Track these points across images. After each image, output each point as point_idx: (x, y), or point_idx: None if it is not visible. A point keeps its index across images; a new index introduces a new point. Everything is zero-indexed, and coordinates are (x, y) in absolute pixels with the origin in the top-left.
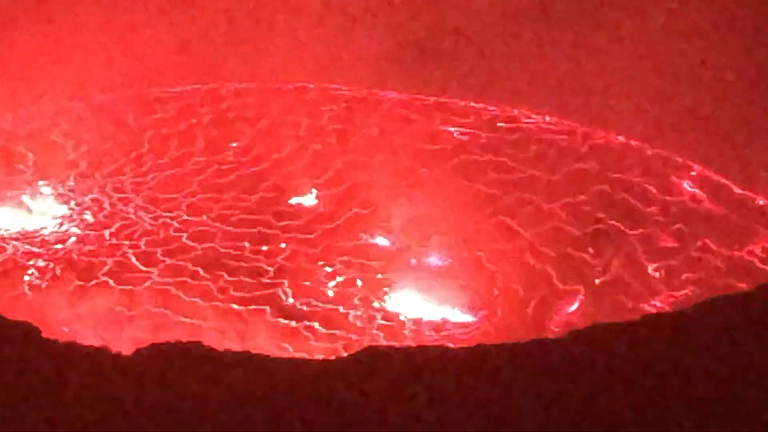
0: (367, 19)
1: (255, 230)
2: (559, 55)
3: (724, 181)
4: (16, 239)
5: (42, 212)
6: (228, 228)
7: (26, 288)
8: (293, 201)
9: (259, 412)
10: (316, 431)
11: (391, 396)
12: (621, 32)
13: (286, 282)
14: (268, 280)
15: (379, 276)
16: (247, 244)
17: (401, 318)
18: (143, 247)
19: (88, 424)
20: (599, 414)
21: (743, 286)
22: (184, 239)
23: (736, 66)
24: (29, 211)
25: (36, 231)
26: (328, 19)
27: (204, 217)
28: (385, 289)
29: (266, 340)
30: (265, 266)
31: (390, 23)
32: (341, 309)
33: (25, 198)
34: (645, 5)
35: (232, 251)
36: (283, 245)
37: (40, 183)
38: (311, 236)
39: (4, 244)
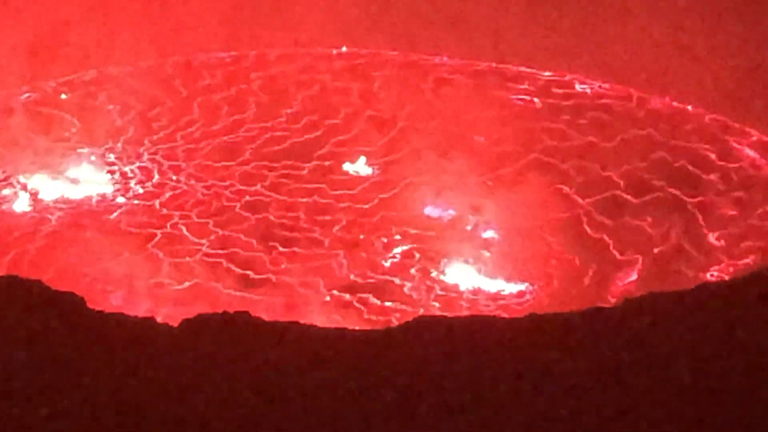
0: None
1: (309, 200)
2: (607, 20)
3: None
4: (62, 210)
5: (88, 181)
6: (282, 197)
7: (73, 259)
8: (348, 169)
9: (299, 384)
10: (356, 403)
11: (440, 366)
12: None
13: (341, 253)
14: (322, 252)
15: (437, 247)
16: (301, 214)
17: (459, 289)
18: (195, 218)
19: (133, 391)
20: (656, 386)
21: None
22: (237, 209)
23: None
24: (75, 180)
25: (82, 201)
26: None
27: (258, 186)
28: (443, 260)
29: (318, 314)
30: (319, 237)
31: None
32: (397, 281)
33: (71, 166)
34: None
35: (285, 221)
36: (338, 215)
37: (86, 150)
38: (366, 206)
39: (50, 215)
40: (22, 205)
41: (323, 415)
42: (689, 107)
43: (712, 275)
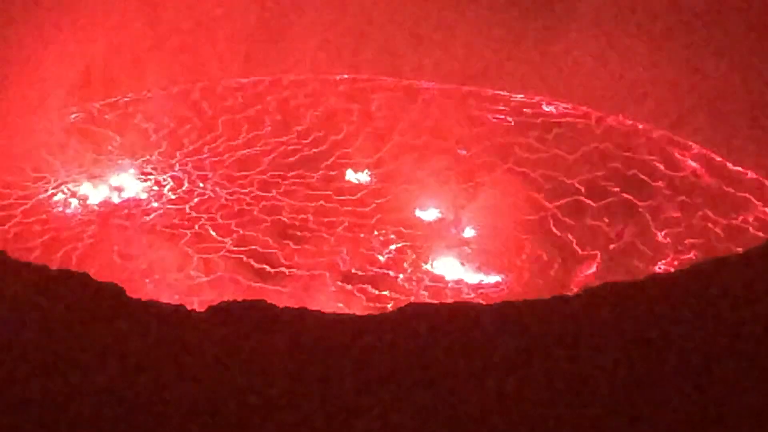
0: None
1: (317, 204)
2: (569, 52)
3: (719, 158)
4: (106, 213)
5: (128, 188)
6: (293, 202)
7: (115, 256)
8: (350, 178)
9: (308, 360)
10: (355, 376)
11: (424, 345)
12: (627, 27)
13: (344, 250)
14: (327, 249)
15: (425, 244)
16: (310, 216)
17: (445, 280)
18: (219, 220)
19: (164, 369)
20: (611, 360)
21: (739, 250)
22: (255, 212)
23: (730, 52)
24: (117, 187)
25: (123, 205)
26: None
27: (273, 192)
28: (431, 255)
29: (324, 301)
30: (326, 236)
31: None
32: (392, 273)
33: (112, 176)
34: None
35: (297, 223)
36: (341, 217)
37: (126, 162)
38: (366, 209)
39: (95, 218)
40: (71, 208)
41: (331, 384)
42: (640, 125)
43: (659, 268)
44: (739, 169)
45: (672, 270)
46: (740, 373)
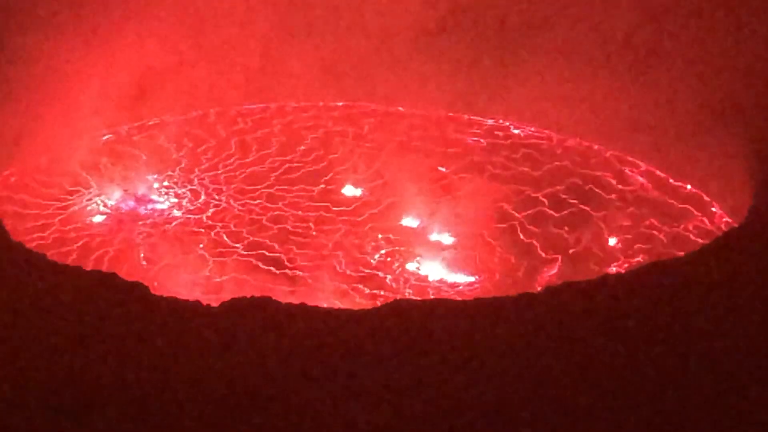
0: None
1: (317, 214)
2: (531, 80)
3: (662, 174)
4: (133, 221)
5: (153, 200)
6: (297, 212)
7: (141, 260)
8: (345, 191)
9: (305, 350)
10: (349, 359)
11: (409, 334)
12: (585, 60)
13: (340, 254)
14: (326, 252)
15: (411, 249)
16: (311, 224)
17: (428, 280)
18: (232, 228)
19: (180, 355)
20: (572, 348)
21: (681, 253)
22: (264, 221)
23: (672, 83)
24: (143, 199)
25: (148, 214)
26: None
27: (279, 204)
28: (416, 259)
29: (323, 298)
30: (324, 242)
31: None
32: (381, 274)
33: (139, 189)
34: (604, 26)
35: (300, 230)
36: (338, 225)
37: (151, 177)
38: (359, 219)
39: (123, 226)
40: (103, 217)
41: (327, 369)
42: (595, 146)
43: (612, 269)
44: (680, 183)
45: (623, 271)
46: (682, 353)
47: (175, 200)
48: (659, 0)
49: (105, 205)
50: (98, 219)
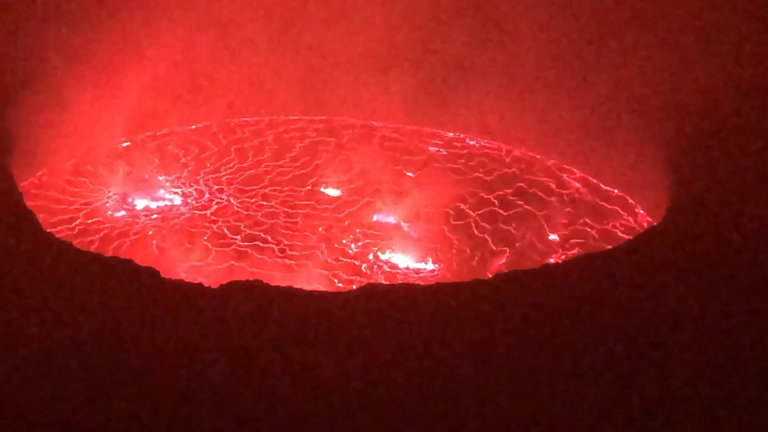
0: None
1: (304, 211)
2: (484, 97)
3: (594, 180)
4: (146, 216)
5: (163, 198)
6: (287, 209)
7: (153, 248)
8: (328, 192)
9: (292, 325)
10: (329, 336)
11: (380, 313)
12: (528, 80)
13: (323, 245)
14: (312, 244)
15: (383, 242)
16: (299, 220)
17: (398, 268)
18: (232, 222)
19: (189, 327)
20: (516, 325)
21: (609, 247)
22: (259, 217)
23: (600, 96)
24: (155, 197)
25: (159, 210)
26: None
27: (272, 202)
28: (387, 250)
29: (307, 283)
30: (310, 235)
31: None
32: (357, 263)
33: (153, 188)
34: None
35: (289, 225)
36: (322, 222)
37: (162, 178)
38: (340, 215)
39: (138, 219)
40: (121, 212)
41: (306, 343)
42: (537, 155)
43: (552, 260)
44: (609, 188)
45: (561, 262)
46: (616, 333)
47: (183, 198)
48: (589, 22)
49: (123, 201)
50: (117, 214)
